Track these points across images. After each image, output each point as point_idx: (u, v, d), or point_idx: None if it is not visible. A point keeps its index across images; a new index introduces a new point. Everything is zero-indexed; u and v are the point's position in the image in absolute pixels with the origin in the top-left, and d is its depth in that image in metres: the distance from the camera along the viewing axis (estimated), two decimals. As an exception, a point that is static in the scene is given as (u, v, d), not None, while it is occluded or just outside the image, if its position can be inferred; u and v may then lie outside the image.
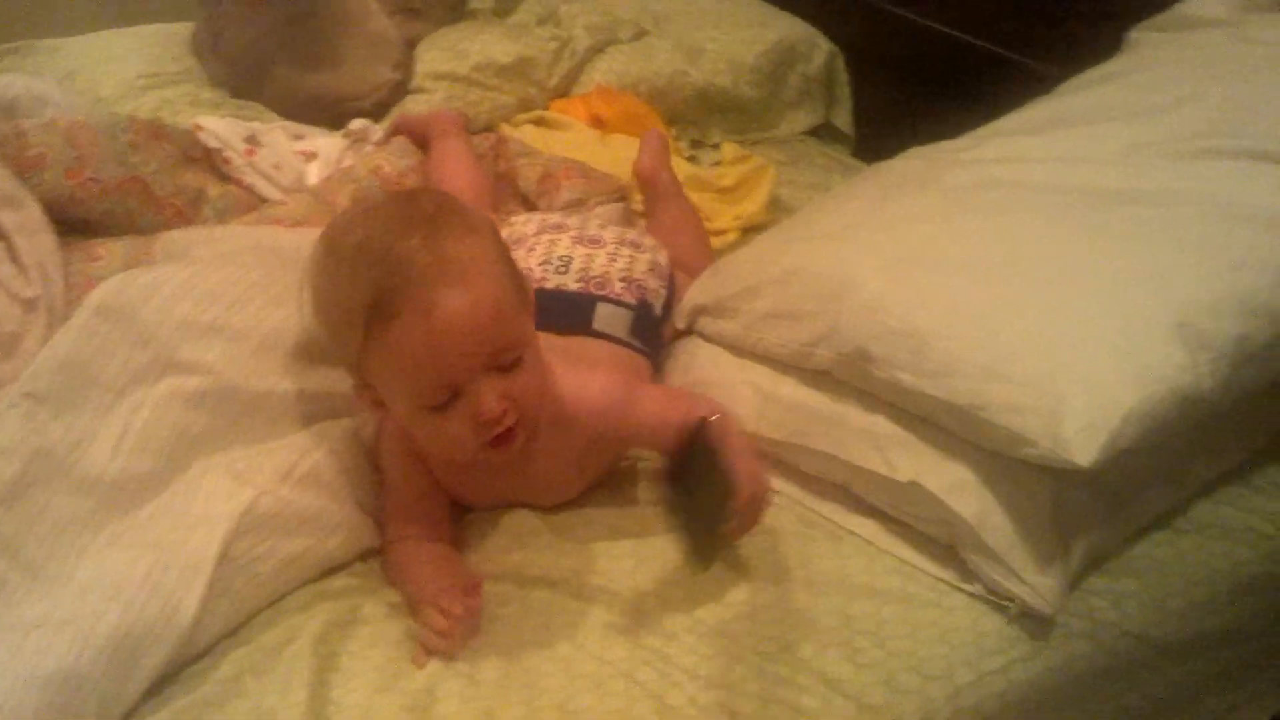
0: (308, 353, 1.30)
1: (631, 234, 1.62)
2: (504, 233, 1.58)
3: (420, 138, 1.94)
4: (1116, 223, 1.35)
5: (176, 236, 1.53)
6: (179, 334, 1.25)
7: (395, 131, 1.97)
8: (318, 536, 1.22)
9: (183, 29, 2.18)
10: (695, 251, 1.74)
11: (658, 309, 1.53)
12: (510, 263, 1.19)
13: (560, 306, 1.44)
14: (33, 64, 2.05)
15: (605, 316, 1.46)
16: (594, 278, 1.50)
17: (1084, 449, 1.12)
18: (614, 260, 1.53)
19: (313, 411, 1.29)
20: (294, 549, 1.19)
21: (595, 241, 1.56)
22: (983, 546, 1.20)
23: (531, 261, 1.52)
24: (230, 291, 1.30)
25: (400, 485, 1.28)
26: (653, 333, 1.52)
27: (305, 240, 1.52)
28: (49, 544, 1.13)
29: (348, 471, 1.27)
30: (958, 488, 1.22)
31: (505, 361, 1.13)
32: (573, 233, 1.57)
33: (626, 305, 1.49)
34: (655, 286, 1.55)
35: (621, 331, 1.47)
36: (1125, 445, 1.14)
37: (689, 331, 1.53)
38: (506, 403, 1.13)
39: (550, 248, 1.54)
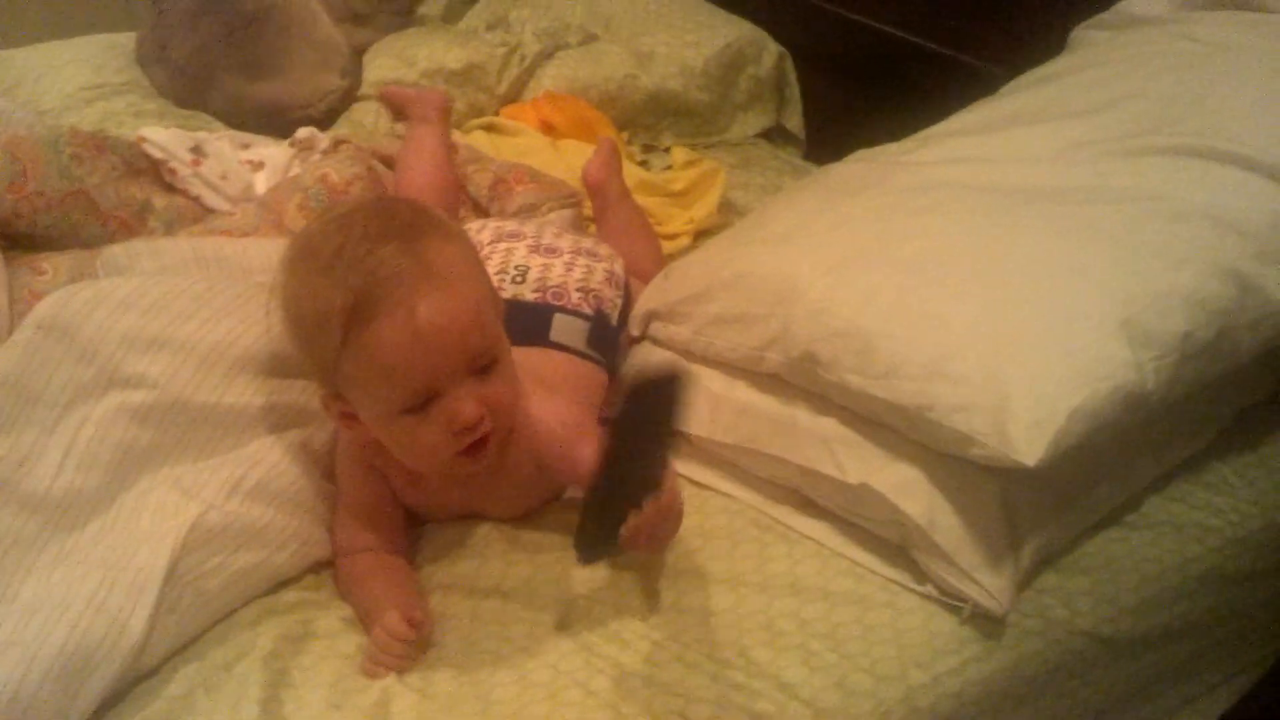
0: (254, 365, 1.29)
1: (587, 242, 1.62)
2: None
3: (399, 112, 1.97)
4: (1059, 221, 1.35)
5: (119, 250, 1.51)
6: (123, 348, 1.24)
7: (381, 98, 2.04)
8: (267, 550, 1.21)
9: (126, 39, 2.16)
10: (647, 258, 1.74)
11: (614, 318, 1.53)
12: (485, 269, 1.22)
13: (518, 317, 1.42)
14: (-26, 75, 2.02)
15: (562, 327, 1.46)
16: (551, 288, 1.49)
17: (1030, 448, 1.13)
18: (571, 270, 1.53)
19: (260, 424, 1.28)
20: (243, 563, 1.18)
21: (552, 250, 1.55)
22: (933, 547, 1.20)
23: (489, 268, 1.50)
24: (174, 304, 1.28)
25: (356, 496, 1.28)
26: (609, 343, 1.51)
27: (250, 251, 1.55)
28: (-6, 564, 1.11)
29: (297, 484, 1.26)
30: (907, 488, 1.22)
31: (481, 365, 1.15)
32: (529, 241, 1.57)
33: (584, 316, 1.48)
34: (611, 296, 1.54)
35: (579, 342, 1.47)
36: (1071, 444, 1.14)
37: (642, 337, 1.52)
38: (483, 409, 1.14)
39: (507, 256, 1.53)
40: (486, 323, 1.16)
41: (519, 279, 1.50)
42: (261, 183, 1.81)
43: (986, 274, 1.28)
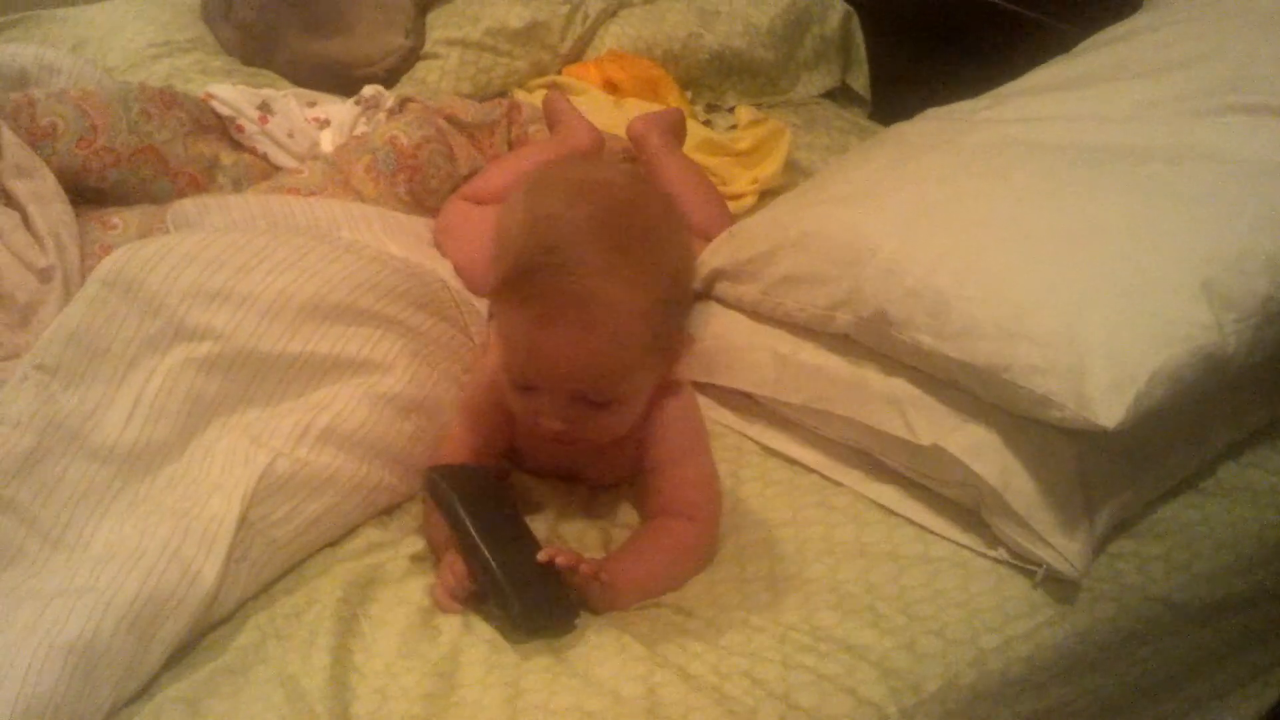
0: (319, 314, 1.29)
1: None
2: None
3: (554, 123, 1.91)
4: (1138, 181, 1.33)
5: (188, 205, 1.52)
6: (187, 301, 1.24)
7: (545, 106, 1.93)
8: (337, 497, 1.21)
9: (194, -2, 2.16)
10: (704, 213, 1.72)
11: None
12: (666, 317, 1.17)
13: None
14: (40, 34, 2.03)
15: None
16: None
17: (1109, 410, 1.11)
18: None
19: (326, 371, 1.28)
20: (313, 511, 1.19)
21: None
22: (1006, 510, 1.19)
23: None
24: (236, 257, 1.29)
25: (476, 400, 1.29)
26: None
27: (318, 210, 1.56)
28: (66, 513, 1.13)
29: (365, 426, 1.26)
30: (980, 450, 1.20)
31: (590, 401, 1.15)
32: None
33: None
34: None
35: None
36: (1151, 406, 1.12)
37: (706, 296, 1.51)
38: (566, 426, 1.15)
39: None
40: (608, 374, 1.14)
41: None
42: (327, 140, 1.81)
43: (1063, 233, 1.26)
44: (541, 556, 1.09)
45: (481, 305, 1.47)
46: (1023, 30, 2.12)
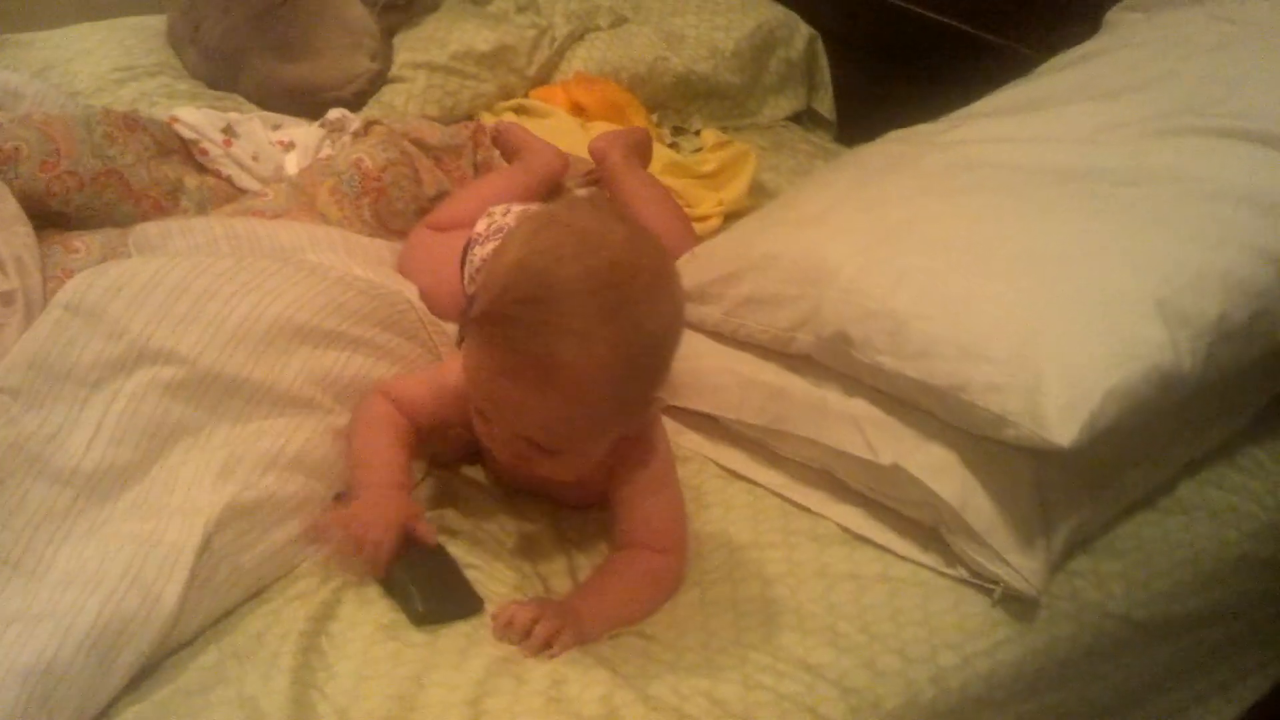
0: (282, 336, 1.28)
1: None
2: (483, 224, 1.58)
3: (513, 154, 1.90)
4: (1094, 201, 1.35)
5: (150, 229, 1.51)
6: (151, 326, 1.24)
7: (495, 136, 1.93)
8: (304, 524, 1.21)
9: (157, 22, 2.16)
10: (668, 234, 1.69)
11: None
12: (637, 384, 1.14)
13: None
14: (6, 58, 2.02)
15: None
16: None
17: (1064, 429, 1.12)
18: None
19: (292, 398, 1.27)
20: (280, 537, 1.18)
21: None
22: (965, 528, 1.20)
23: None
24: (199, 281, 1.28)
25: (440, 379, 1.27)
26: None
27: (282, 232, 1.55)
28: (26, 537, 1.12)
29: (333, 454, 1.26)
30: (940, 469, 1.22)
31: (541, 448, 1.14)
32: None
33: None
34: None
35: None
36: (1106, 425, 1.14)
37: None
38: (516, 461, 1.16)
39: None
40: (560, 434, 1.12)
41: None
42: (292, 163, 1.81)
43: (1020, 254, 1.28)
44: (495, 628, 1.11)
45: (450, 327, 1.47)
46: (984, 54, 2.14)
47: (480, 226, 1.59)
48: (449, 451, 1.36)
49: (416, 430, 1.27)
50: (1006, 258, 1.27)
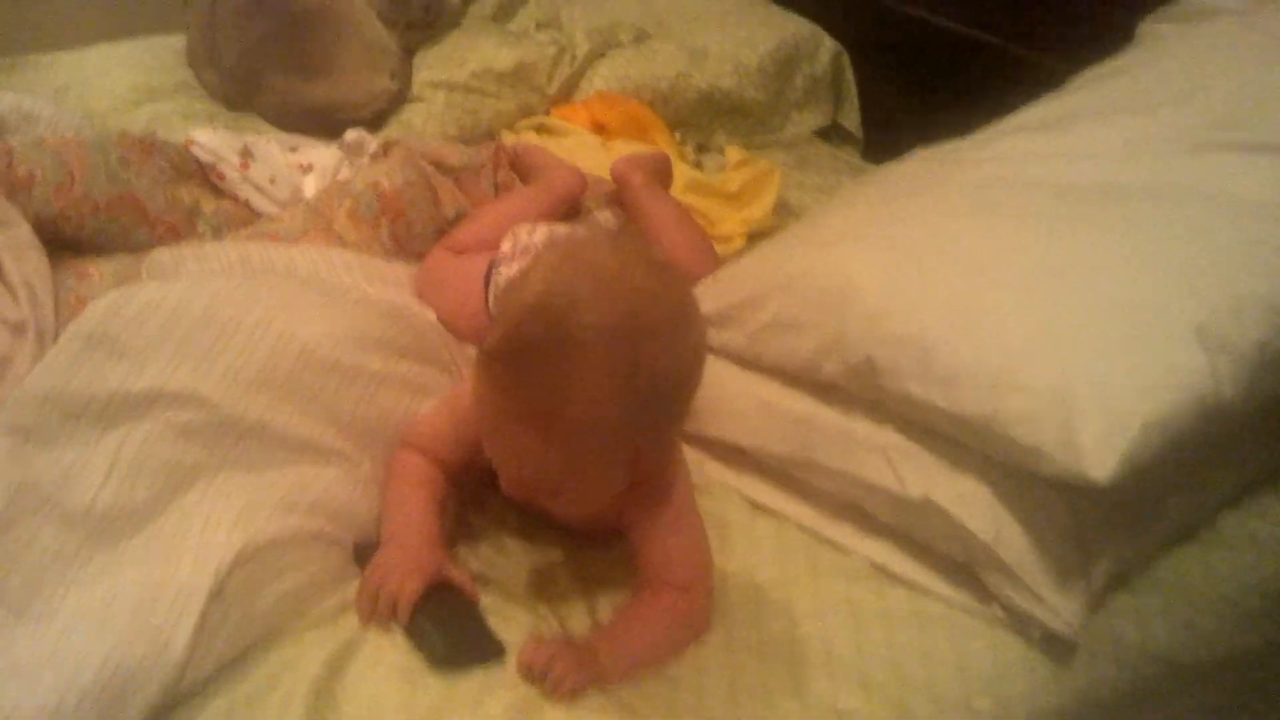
0: (306, 377, 1.25)
1: None
2: (508, 244, 1.55)
3: (527, 174, 1.87)
4: (1128, 221, 1.31)
5: (164, 256, 1.49)
6: (174, 361, 1.20)
7: (514, 159, 1.90)
8: (321, 569, 1.18)
9: (177, 41, 2.15)
10: (689, 256, 1.69)
11: None
12: (651, 437, 1.10)
13: None
14: (25, 80, 2.01)
15: None
16: None
17: (1101, 463, 1.08)
18: None
19: (311, 444, 1.24)
20: (295, 582, 1.15)
21: None
22: (999, 564, 1.16)
23: None
24: (225, 310, 1.25)
25: (457, 421, 1.23)
26: None
27: (298, 257, 1.53)
28: (34, 581, 1.09)
29: (353, 501, 1.23)
30: (971, 502, 1.18)
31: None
32: None
33: None
34: None
35: None
36: (1145, 458, 1.09)
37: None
38: (523, 495, 1.12)
39: None
40: (559, 482, 1.09)
41: None
42: (310, 186, 1.79)
43: (1053, 276, 1.23)
44: (519, 661, 1.07)
45: (471, 350, 1.44)
46: (1014, 68, 2.10)
47: (505, 246, 1.56)
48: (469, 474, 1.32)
49: (446, 472, 1.24)
50: (1038, 281, 1.23)
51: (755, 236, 1.89)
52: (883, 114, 2.43)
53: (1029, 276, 1.24)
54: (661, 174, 1.89)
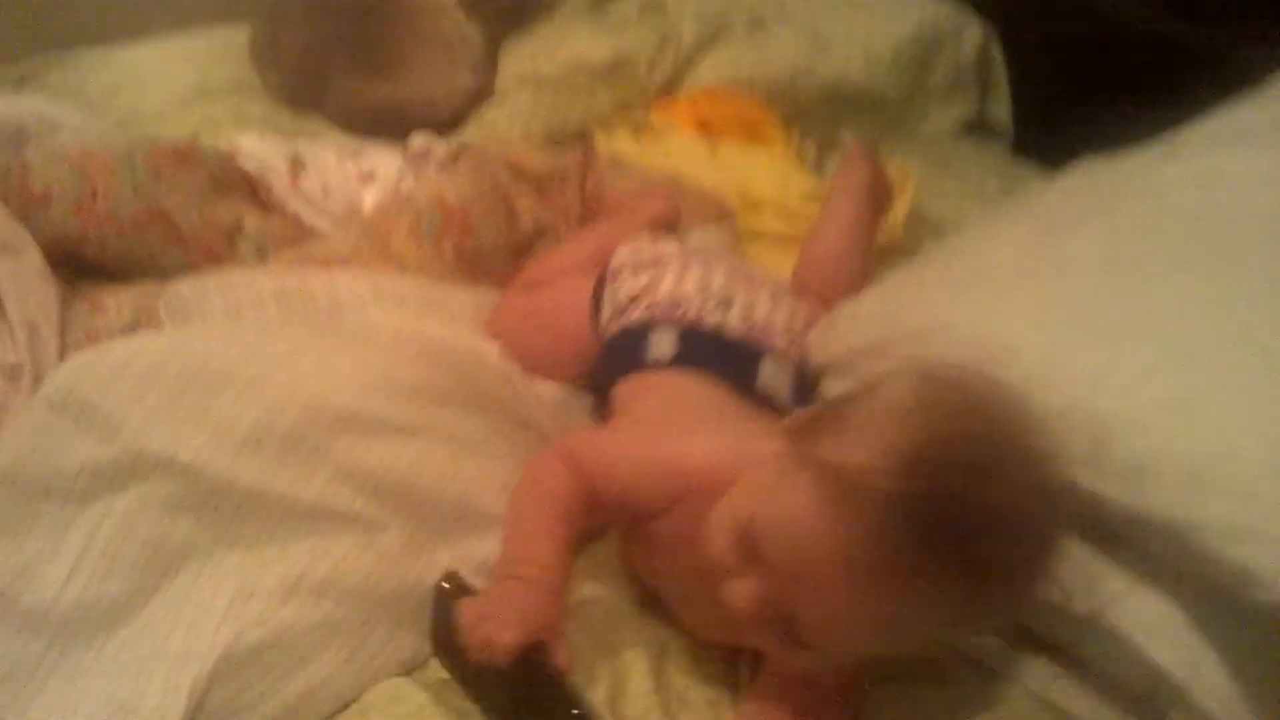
0: (313, 434, 1.06)
1: (780, 281, 1.40)
2: (625, 257, 1.37)
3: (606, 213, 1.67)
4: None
5: (184, 289, 1.32)
6: (150, 424, 1.02)
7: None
8: (334, 664, 0.99)
9: (240, 34, 1.95)
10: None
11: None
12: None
13: (721, 354, 1.21)
14: (74, 77, 1.84)
15: (771, 374, 1.21)
16: (758, 324, 1.26)
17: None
18: (777, 307, 1.29)
19: (322, 510, 1.04)
20: (305, 682, 0.97)
21: (752, 280, 1.33)
22: (1193, 709, 0.91)
23: (687, 285, 1.28)
24: (214, 362, 1.07)
25: (640, 452, 1.05)
26: (804, 397, 1.24)
27: (342, 285, 1.33)
28: (-11, 699, 0.93)
29: (373, 577, 1.02)
30: (1158, 626, 0.94)
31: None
32: (726, 263, 1.35)
33: (790, 362, 1.24)
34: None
35: (784, 393, 1.21)
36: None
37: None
38: (754, 613, 0.90)
39: (706, 274, 1.30)
40: (854, 651, 0.92)
41: (725, 305, 1.26)
42: (370, 197, 1.59)
43: (1265, 348, 0.96)
44: None
45: (548, 389, 1.28)
46: (1202, 57, 1.79)
47: (622, 258, 1.36)
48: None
49: (591, 505, 1.03)
50: (1256, 351, 0.95)
51: (883, 253, 1.63)
52: (1038, 107, 2.13)
53: (1247, 350, 0.96)
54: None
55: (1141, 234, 1.12)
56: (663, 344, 1.23)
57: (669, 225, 1.56)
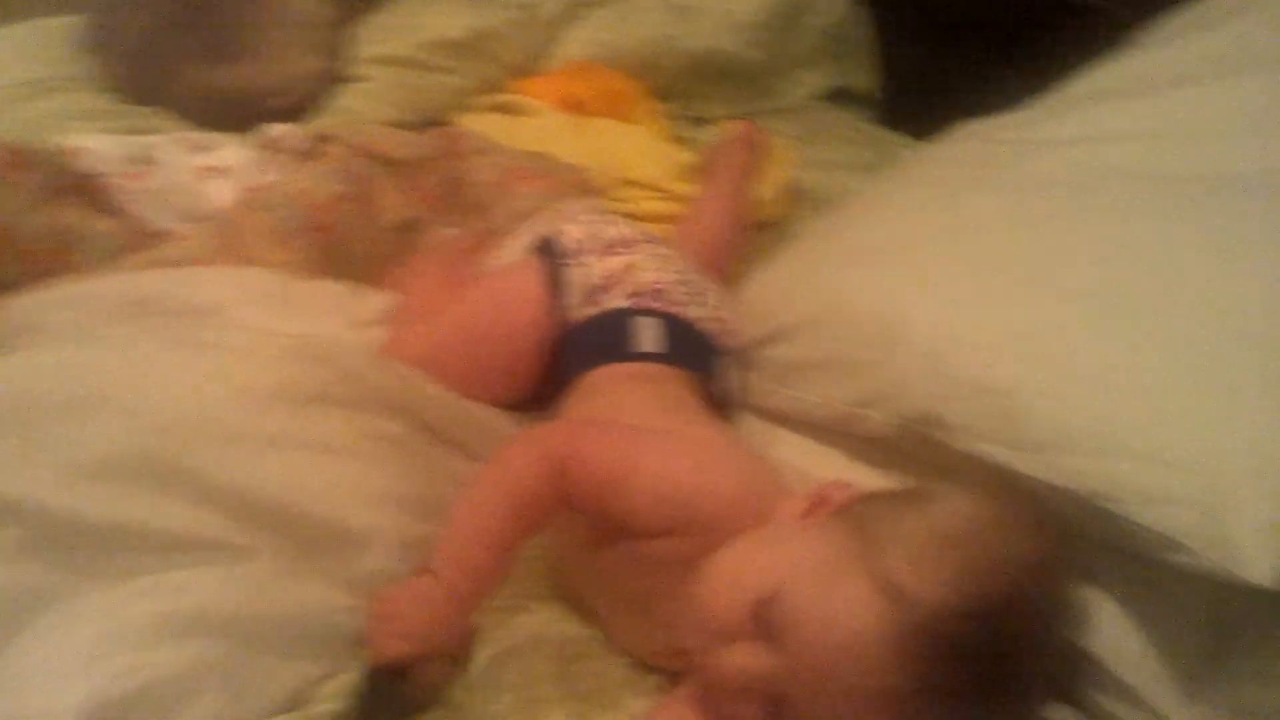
0: (170, 455, 0.98)
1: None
2: (576, 233, 1.29)
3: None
4: (1250, 228, 1.02)
5: (28, 303, 1.21)
6: None
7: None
8: (215, 707, 0.90)
9: (69, 24, 1.83)
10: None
11: None
12: None
13: (700, 351, 1.18)
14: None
15: (730, 375, 1.20)
16: (725, 321, 1.23)
17: (1262, 559, 0.82)
18: (722, 301, 1.26)
19: (188, 539, 0.97)
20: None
21: (696, 270, 1.29)
22: (1117, 684, 0.90)
23: (667, 275, 1.23)
24: (50, 392, 0.99)
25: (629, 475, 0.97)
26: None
27: (203, 284, 1.26)
28: None
29: (256, 603, 0.95)
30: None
31: None
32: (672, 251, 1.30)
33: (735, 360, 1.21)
34: None
35: (736, 395, 1.20)
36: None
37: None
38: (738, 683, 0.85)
39: (683, 265, 1.27)
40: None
41: (700, 299, 1.23)
42: (223, 193, 1.49)
43: (1184, 307, 0.95)
44: None
45: (488, 412, 1.20)
46: (1068, 15, 1.80)
47: (573, 235, 1.28)
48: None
49: (559, 509, 0.98)
50: (1163, 311, 0.95)
51: (763, 228, 1.60)
52: (905, 73, 2.13)
53: (1151, 307, 0.96)
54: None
55: (1040, 194, 1.12)
56: (650, 335, 1.17)
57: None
